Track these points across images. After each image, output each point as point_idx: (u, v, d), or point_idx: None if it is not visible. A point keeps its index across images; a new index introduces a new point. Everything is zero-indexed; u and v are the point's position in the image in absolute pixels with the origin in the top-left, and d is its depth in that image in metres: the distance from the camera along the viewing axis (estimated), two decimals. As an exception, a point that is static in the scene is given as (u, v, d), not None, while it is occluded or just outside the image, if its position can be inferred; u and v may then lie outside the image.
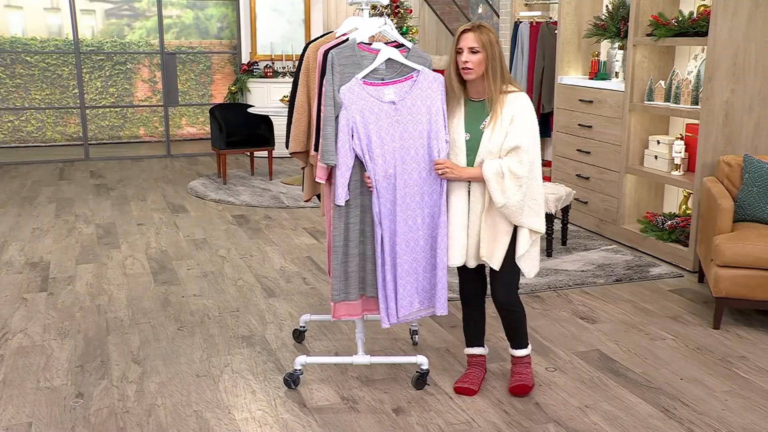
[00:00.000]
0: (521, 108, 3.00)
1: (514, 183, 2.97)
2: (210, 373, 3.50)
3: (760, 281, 3.94)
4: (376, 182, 3.05)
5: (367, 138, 3.03)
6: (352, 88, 3.01)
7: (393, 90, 3.04)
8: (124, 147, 10.26)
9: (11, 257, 5.27)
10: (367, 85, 3.03)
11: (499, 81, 3.00)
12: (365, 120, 3.02)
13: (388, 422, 3.07)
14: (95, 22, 10.13)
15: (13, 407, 3.17)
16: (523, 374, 3.31)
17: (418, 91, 3.06)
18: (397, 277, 3.13)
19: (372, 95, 3.02)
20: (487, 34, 2.98)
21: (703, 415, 3.14)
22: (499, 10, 8.00)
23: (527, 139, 2.98)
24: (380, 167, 3.05)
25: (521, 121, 2.98)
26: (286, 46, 9.71)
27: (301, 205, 6.80)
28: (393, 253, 3.11)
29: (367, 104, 3.02)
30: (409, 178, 3.08)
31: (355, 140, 3.03)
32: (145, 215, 6.51)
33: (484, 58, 2.97)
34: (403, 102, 3.04)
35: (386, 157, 3.05)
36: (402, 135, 3.05)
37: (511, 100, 3.01)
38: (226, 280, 4.82)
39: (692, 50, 5.32)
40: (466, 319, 3.37)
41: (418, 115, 3.06)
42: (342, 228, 3.14)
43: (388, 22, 3.19)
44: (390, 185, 3.07)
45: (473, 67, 2.98)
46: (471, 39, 2.97)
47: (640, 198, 5.65)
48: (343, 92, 3.00)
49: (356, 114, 3.01)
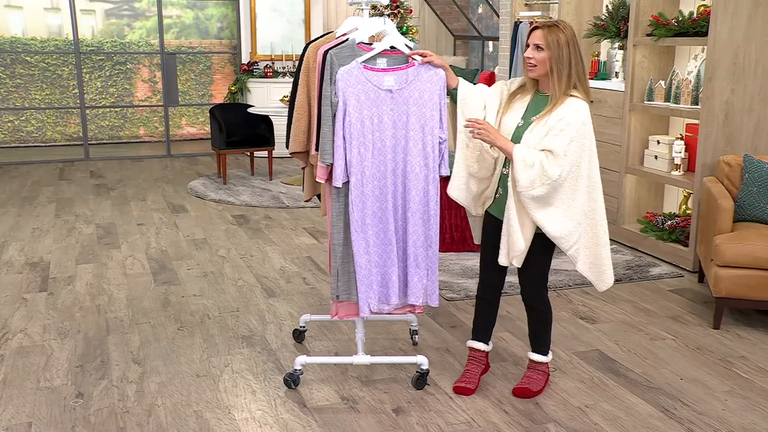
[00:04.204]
0: (572, 116, 2.93)
1: (540, 178, 2.92)
2: (210, 373, 3.50)
3: (760, 281, 3.94)
4: (363, 168, 3.03)
5: (361, 123, 3.01)
6: (351, 71, 2.99)
7: (393, 77, 3.03)
8: (124, 147, 10.26)
9: (11, 257, 5.27)
10: (366, 69, 3.01)
11: (564, 83, 2.95)
12: (360, 104, 3.00)
13: (388, 422, 3.07)
14: (95, 22, 10.13)
15: (13, 407, 3.17)
16: (533, 379, 3.31)
17: (417, 83, 3.05)
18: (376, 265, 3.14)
19: (370, 80, 3.01)
20: (556, 34, 2.93)
21: (703, 415, 3.14)
22: (499, 10, 8.00)
23: (564, 147, 2.91)
24: (372, 153, 3.04)
25: (566, 128, 2.92)
26: (286, 46, 9.71)
27: (301, 205, 6.80)
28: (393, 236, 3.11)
29: (365, 88, 3.00)
30: (401, 167, 3.08)
31: (345, 123, 3.01)
32: (145, 215, 6.51)
33: (548, 57, 2.95)
34: (400, 91, 3.04)
35: (379, 143, 3.04)
36: (395, 124, 3.05)
37: (568, 104, 2.95)
38: (226, 280, 4.82)
39: (692, 50, 5.32)
40: (477, 312, 3.36)
41: (413, 107, 3.05)
42: (342, 227, 3.14)
43: (388, 23, 3.18)
44: (380, 173, 3.06)
45: (536, 64, 2.97)
46: (538, 36, 2.97)
47: (640, 198, 5.65)
48: (340, 73, 2.98)
49: (351, 97, 2.99)
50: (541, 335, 3.29)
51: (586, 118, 2.96)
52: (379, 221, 3.11)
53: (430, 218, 3.14)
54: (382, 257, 3.16)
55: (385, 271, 3.16)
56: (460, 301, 4.43)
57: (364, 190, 3.06)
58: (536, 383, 3.30)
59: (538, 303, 3.23)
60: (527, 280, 3.20)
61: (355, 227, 3.08)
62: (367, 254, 3.10)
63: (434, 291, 3.21)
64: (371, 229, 3.10)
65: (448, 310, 4.26)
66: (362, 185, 3.05)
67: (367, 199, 3.07)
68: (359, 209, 3.07)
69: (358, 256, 3.11)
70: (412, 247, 3.15)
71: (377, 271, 3.15)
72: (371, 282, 3.14)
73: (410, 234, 3.14)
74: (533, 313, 3.26)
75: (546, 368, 3.35)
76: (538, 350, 3.32)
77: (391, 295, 3.19)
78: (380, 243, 3.14)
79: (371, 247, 3.12)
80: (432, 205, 3.13)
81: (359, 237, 3.09)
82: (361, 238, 3.09)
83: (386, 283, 3.17)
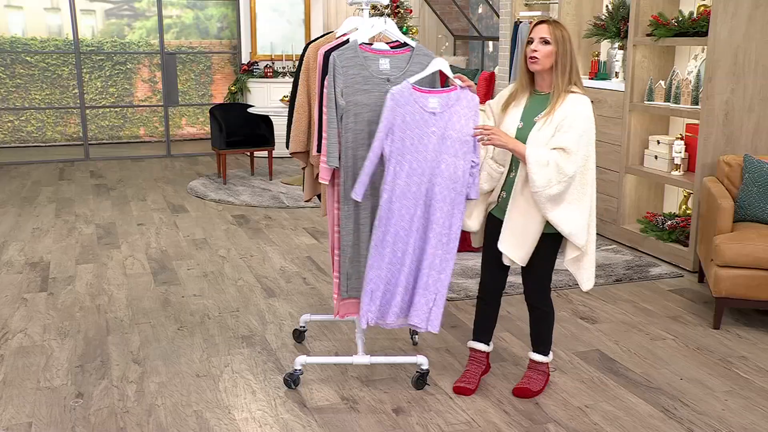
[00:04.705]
0: (578, 111, 2.95)
1: (556, 176, 2.92)
2: (210, 373, 3.50)
3: (760, 281, 3.94)
4: (394, 186, 3.03)
5: (402, 142, 3.01)
6: (403, 91, 3.00)
7: (437, 99, 3.03)
8: (124, 147, 10.26)
9: (11, 257, 5.27)
10: (415, 90, 3.02)
11: (567, 79, 2.99)
12: (405, 125, 3.00)
13: (388, 422, 3.07)
14: (95, 22, 10.13)
15: (13, 407, 3.17)
16: (533, 379, 3.31)
17: (457, 107, 3.05)
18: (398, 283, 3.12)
19: (417, 101, 3.01)
20: (560, 30, 2.97)
21: (703, 415, 3.14)
22: (499, 10, 8.00)
23: (575, 143, 2.93)
24: (407, 173, 3.03)
25: (574, 124, 2.94)
26: (286, 46, 9.71)
27: (301, 205, 6.81)
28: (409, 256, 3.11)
29: (412, 109, 3.01)
30: (430, 190, 3.07)
31: (388, 141, 3.01)
32: (145, 215, 6.51)
33: (554, 52, 2.96)
34: (442, 114, 3.04)
35: (415, 164, 3.03)
36: (434, 146, 3.04)
37: (571, 100, 2.97)
38: (226, 280, 4.82)
39: (692, 50, 5.33)
40: (478, 313, 3.36)
41: (451, 131, 3.05)
42: (351, 228, 3.13)
43: (388, 21, 3.18)
44: (411, 193, 3.05)
45: (540, 58, 2.97)
46: (544, 30, 2.98)
47: (640, 198, 5.65)
48: (393, 93, 2.99)
49: (398, 117, 3.00)
50: (542, 335, 3.29)
51: (590, 112, 3.00)
52: (399, 241, 3.09)
53: (450, 241, 3.12)
54: (393, 275, 3.13)
55: (391, 289, 3.14)
56: (460, 301, 4.43)
57: (392, 207, 3.05)
58: (536, 383, 3.30)
59: (542, 303, 3.23)
60: (532, 280, 3.20)
61: (375, 242, 3.07)
62: (379, 269, 3.10)
63: (438, 317, 3.16)
64: (389, 248, 3.08)
65: (448, 310, 4.26)
66: (390, 203, 3.05)
67: (392, 217, 3.06)
68: (383, 226, 3.06)
69: (369, 269, 3.10)
70: (426, 269, 3.11)
71: (384, 287, 3.13)
72: (375, 297, 3.13)
73: (427, 256, 3.10)
74: (536, 313, 3.26)
75: (546, 368, 3.35)
76: (539, 350, 3.32)
77: (390, 314, 3.16)
78: (395, 262, 3.11)
79: (384, 264, 3.10)
80: (454, 230, 3.11)
81: (376, 252, 3.08)
82: (377, 253, 3.08)
83: (389, 301, 3.15)
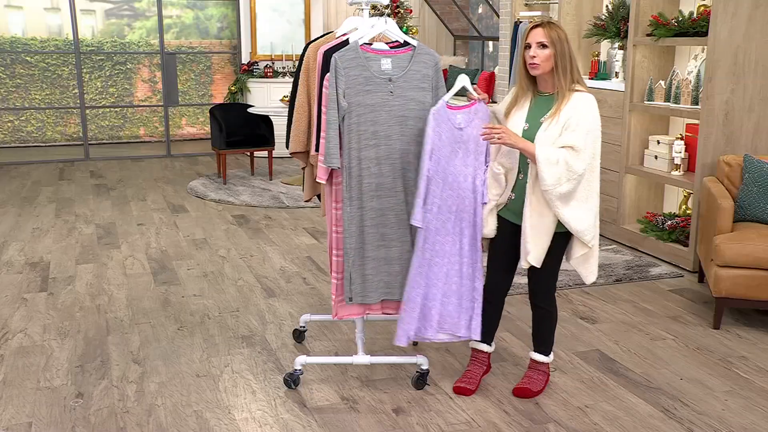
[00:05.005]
0: (583, 109, 2.97)
1: (566, 174, 2.94)
2: (210, 373, 3.50)
3: (760, 281, 3.94)
4: (433, 204, 3.04)
5: (438, 159, 3.03)
6: (440, 111, 3.01)
7: (462, 115, 3.06)
8: (124, 147, 10.26)
9: (11, 257, 5.27)
10: (449, 108, 3.04)
11: (569, 78, 3.00)
12: (441, 142, 3.03)
13: (388, 422, 3.07)
14: (95, 22, 10.13)
15: (13, 407, 3.17)
16: (534, 379, 3.31)
17: (477, 121, 3.08)
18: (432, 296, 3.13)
19: (450, 119, 3.03)
20: (556, 31, 2.98)
21: (703, 415, 3.14)
22: (499, 10, 8.00)
23: (583, 141, 2.95)
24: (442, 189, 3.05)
25: (580, 122, 2.95)
26: (286, 46, 9.71)
27: (301, 205, 6.81)
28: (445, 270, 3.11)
29: (446, 127, 3.03)
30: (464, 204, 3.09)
31: (432, 161, 3.02)
32: (145, 215, 6.51)
33: (552, 54, 2.97)
34: (466, 129, 3.06)
35: (450, 179, 3.06)
36: (462, 161, 3.07)
37: (575, 98, 2.99)
38: (226, 280, 4.82)
39: (692, 50, 5.33)
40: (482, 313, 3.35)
41: (472, 144, 3.09)
42: (355, 230, 3.13)
43: (389, 21, 3.18)
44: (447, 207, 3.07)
45: (540, 62, 2.98)
46: (540, 34, 2.98)
47: (640, 198, 5.65)
48: (433, 112, 3.00)
49: (436, 136, 3.01)
50: (545, 335, 3.29)
51: (596, 110, 3.01)
52: (437, 256, 3.10)
53: (477, 250, 3.15)
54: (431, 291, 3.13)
55: (428, 304, 3.14)
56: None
57: (429, 227, 3.07)
58: (537, 383, 3.29)
59: (546, 303, 3.23)
60: (539, 279, 3.20)
61: (420, 263, 3.07)
62: (418, 287, 3.10)
63: (478, 325, 3.20)
64: (435, 267, 3.09)
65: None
66: (429, 222, 3.06)
67: (430, 236, 3.07)
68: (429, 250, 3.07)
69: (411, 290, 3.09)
70: (466, 280, 3.15)
71: (422, 303, 3.13)
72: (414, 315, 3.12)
73: (461, 267, 3.13)
74: (540, 313, 3.26)
75: (547, 368, 3.35)
76: (540, 350, 3.32)
77: (428, 328, 3.17)
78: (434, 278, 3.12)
79: (423, 282, 3.10)
80: (478, 238, 3.14)
81: (419, 273, 3.07)
82: (419, 273, 3.08)
83: (426, 316, 3.15)
